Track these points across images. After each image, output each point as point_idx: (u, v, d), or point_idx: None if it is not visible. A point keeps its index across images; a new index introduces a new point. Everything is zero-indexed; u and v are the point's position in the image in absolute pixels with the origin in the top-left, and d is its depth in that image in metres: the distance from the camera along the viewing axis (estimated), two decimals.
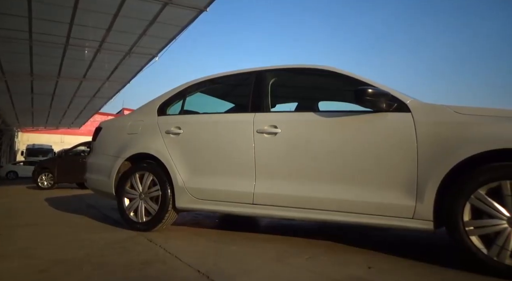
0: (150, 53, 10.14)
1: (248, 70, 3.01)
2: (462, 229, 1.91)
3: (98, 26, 8.29)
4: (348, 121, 2.38)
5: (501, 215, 1.84)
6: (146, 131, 3.23)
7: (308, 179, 2.43)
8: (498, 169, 1.86)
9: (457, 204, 1.93)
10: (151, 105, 3.39)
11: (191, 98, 3.31)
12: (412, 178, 2.10)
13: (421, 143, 2.10)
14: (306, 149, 2.47)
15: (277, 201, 2.52)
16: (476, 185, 1.89)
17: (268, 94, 2.81)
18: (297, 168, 2.48)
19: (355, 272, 1.92)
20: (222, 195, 2.74)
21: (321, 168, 2.40)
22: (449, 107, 2.14)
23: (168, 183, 2.96)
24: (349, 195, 2.28)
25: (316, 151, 2.43)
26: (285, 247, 2.50)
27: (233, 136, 2.77)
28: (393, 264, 2.08)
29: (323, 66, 2.68)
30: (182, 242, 2.68)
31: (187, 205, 2.90)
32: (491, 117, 2.00)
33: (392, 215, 2.14)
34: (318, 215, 2.37)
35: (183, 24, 8.32)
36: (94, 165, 3.54)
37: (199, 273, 1.91)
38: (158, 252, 2.36)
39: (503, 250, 1.80)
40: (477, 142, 1.93)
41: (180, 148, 2.99)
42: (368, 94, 2.20)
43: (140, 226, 3.04)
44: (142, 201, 3.08)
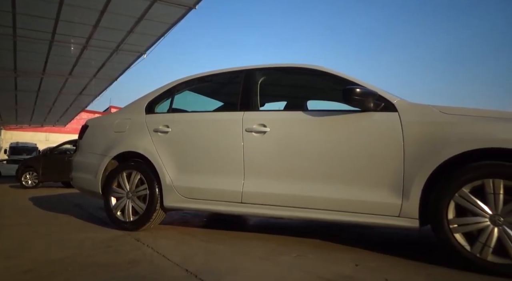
0: (138, 50, 10.01)
1: (237, 68, 3.00)
2: (447, 227, 1.95)
3: (84, 22, 8.14)
4: (336, 120, 2.40)
5: (484, 213, 1.88)
6: (133, 129, 3.20)
7: (297, 178, 2.45)
8: (481, 168, 1.90)
9: (442, 202, 1.97)
10: (139, 103, 3.35)
11: (179, 96, 3.28)
12: (398, 177, 2.14)
13: (408, 143, 2.14)
14: (294, 148, 2.48)
15: (265, 200, 2.52)
16: (460, 183, 1.93)
17: (257, 92, 2.81)
18: (286, 167, 2.49)
19: (343, 269, 1.94)
20: (211, 194, 2.73)
21: (310, 167, 2.41)
22: (435, 107, 2.18)
23: (156, 182, 2.94)
24: (337, 193, 2.30)
25: (304, 150, 2.45)
26: (273, 245, 2.50)
27: (222, 134, 2.76)
28: (380, 261, 2.11)
29: (312, 65, 2.70)
30: (170, 241, 2.66)
31: (175, 204, 2.88)
32: (475, 117, 2.04)
33: (379, 214, 2.17)
34: (306, 213, 2.39)
35: (171, 21, 8.24)
36: (80, 164, 3.49)
37: (187, 272, 1.90)
38: (146, 252, 2.34)
39: (486, 247, 1.85)
40: (461, 141, 1.97)
41: (168, 147, 2.96)
42: (356, 93, 2.22)
43: (127, 225, 3.01)
44: (129, 200, 3.05)
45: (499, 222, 1.85)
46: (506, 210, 1.84)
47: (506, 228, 1.83)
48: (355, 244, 2.56)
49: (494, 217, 1.86)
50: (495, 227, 1.85)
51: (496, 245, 1.84)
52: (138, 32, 8.71)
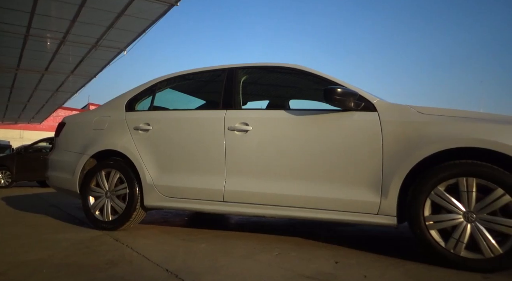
0: (118, 46, 9.80)
1: (220, 67, 2.99)
2: (423, 224, 2.01)
3: (62, 16, 7.90)
4: (318, 120, 2.43)
5: (458, 210, 1.95)
6: (113, 127, 3.13)
7: (279, 177, 2.46)
8: (455, 167, 1.97)
9: (418, 200, 2.03)
10: (119, 100, 3.28)
11: (161, 94, 3.24)
12: (377, 175, 2.18)
13: (387, 142, 2.19)
14: (276, 146, 2.50)
15: (247, 199, 2.53)
16: (436, 181, 2.00)
17: (240, 91, 2.81)
18: (268, 166, 2.50)
19: (323, 267, 1.97)
20: (192, 193, 2.71)
21: (291, 166, 2.43)
22: (413, 107, 2.24)
23: (136, 181, 2.89)
24: (318, 192, 2.33)
25: (286, 148, 2.46)
26: (254, 244, 2.51)
27: (203, 133, 2.75)
28: (359, 258, 2.15)
29: (294, 64, 2.72)
30: (150, 241, 2.63)
31: (156, 203, 2.84)
32: (450, 118, 2.11)
33: (359, 211, 2.22)
34: (288, 212, 2.41)
35: (153, 17, 8.11)
36: (57, 162, 3.39)
37: (167, 272, 1.88)
38: (125, 252, 2.30)
39: (459, 242, 1.92)
40: (437, 141, 2.03)
41: (149, 145, 2.92)
42: (337, 93, 2.26)
43: (106, 225, 2.95)
44: (108, 199, 2.99)
45: (472, 219, 1.92)
46: (479, 207, 1.91)
47: (478, 224, 1.90)
48: (335, 242, 2.60)
49: (467, 214, 1.93)
50: (468, 223, 1.93)
51: (468, 241, 1.91)
52: (118, 28, 8.53)
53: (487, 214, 1.90)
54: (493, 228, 1.88)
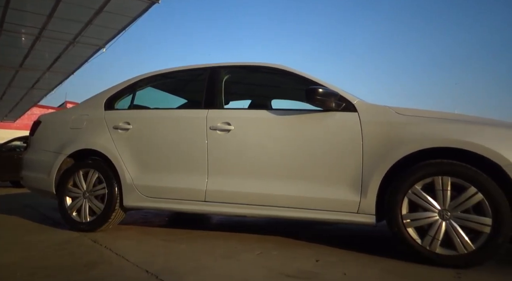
0: (96, 43, 9.56)
1: (202, 65, 2.97)
2: (400, 222, 2.07)
3: (37, 11, 7.63)
4: (299, 119, 2.45)
5: (434, 208, 2.02)
6: (91, 126, 3.06)
7: (260, 176, 2.47)
8: (431, 166, 2.04)
9: (396, 198, 2.08)
10: (97, 98, 3.21)
11: (141, 92, 3.19)
12: (357, 175, 2.22)
13: (366, 142, 2.23)
14: (258, 146, 2.50)
15: (229, 198, 2.52)
16: (413, 180, 2.06)
17: (222, 90, 2.80)
18: (250, 165, 2.51)
19: (304, 265, 1.99)
20: (173, 193, 2.68)
21: (273, 165, 2.45)
22: (391, 108, 2.29)
23: (116, 181, 2.84)
24: (299, 191, 2.35)
25: (268, 148, 2.48)
26: (236, 243, 2.51)
27: (185, 132, 2.72)
28: (339, 256, 2.19)
29: (276, 64, 2.73)
30: (129, 242, 2.58)
31: (135, 204, 2.80)
32: (427, 118, 2.18)
33: (339, 210, 2.25)
34: (270, 211, 2.42)
35: (133, 15, 7.96)
36: (32, 162, 3.27)
37: (147, 273, 1.85)
38: (104, 253, 2.25)
39: (435, 240, 1.98)
40: (414, 141, 2.09)
41: (129, 144, 2.87)
42: (318, 93, 2.29)
43: (83, 226, 2.88)
44: (86, 200, 2.91)
45: (447, 217, 1.99)
46: (453, 205, 1.98)
47: (453, 222, 1.97)
48: (316, 240, 2.63)
49: (442, 212, 2.00)
50: (443, 221, 1.99)
51: (443, 238, 1.98)
52: (97, 25, 8.32)
53: (461, 212, 1.97)
54: (466, 225, 1.95)
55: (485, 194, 1.91)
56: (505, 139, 1.98)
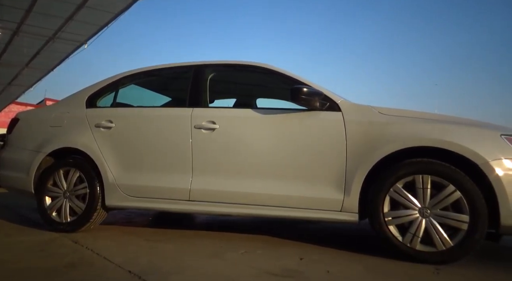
0: (78, 39, 9.34)
1: (187, 64, 2.94)
2: (382, 220, 2.11)
3: (15, 5, 7.39)
4: (284, 119, 2.46)
5: (414, 206, 2.07)
6: (72, 124, 2.99)
7: (245, 175, 2.47)
8: (412, 165, 2.09)
9: (378, 197, 2.12)
10: (79, 96, 3.13)
11: (124, 90, 3.13)
12: (341, 173, 2.25)
13: (350, 141, 2.26)
14: (243, 145, 2.50)
15: (214, 197, 2.51)
16: (395, 179, 2.10)
17: (207, 89, 2.79)
18: (234, 164, 2.50)
19: (288, 264, 2.01)
20: (157, 192, 2.65)
21: (258, 164, 2.45)
22: (374, 108, 2.33)
23: (98, 180, 2.78)
24: (284, 190, 2.36)
25: (253, 147, 2.48)
26: (221, 243, 2.51)
27: (169, 131, 2.69)
28: (323, 254, 2.21)
29: (261, 63, 2.74)
30: (112, 242, 2.54)
31: (118, 203, 2.75)
32: (408, 118, 2.23)
33: (323, 209, 2.28)
34: (255, 210, 2.42)
35: (116, 11, 7.81)
36: (9, 161, 3.17)
37: (130, 273, 1.83)
38: (85, 254, 2.21)
39: (415, 237, 2.04)
40: (396, 140, 2.14)
41: (111, 143, 2.82)
42: (303, 93, 2.30)
43: (64, 227, 2.81)
44: (66, 199, 2.85)
45: (427, 214, 2.04)
46: (433, 203, 2.04)
47: (432, 219, 2.03)
48: (300, 239, 2.65)
49: (422, 210, 2.05)
50: (423, 218, 2.04)
51: (423, 235, 2.03)
52: (79, 20, 8.13)
53: (440, 209, 2.02)
54: (445, 222, 2.01)
55: (463, 192, 1.97)
56: (482, 138, 2.05)
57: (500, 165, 1.95)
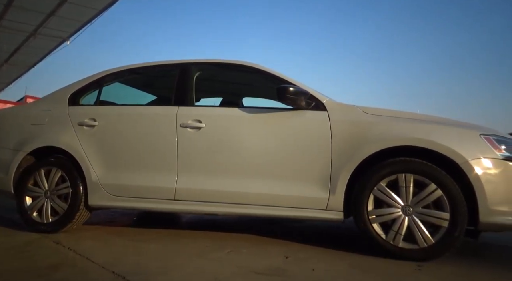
0: (60, 36, 9.15)
1: (173, 62, 2.92)
2: (366, 218, 2.14)
3: None
4: (270, 118, 2.47)
5: (397, 204, 2.11)
6: (54, 122, 2.92)
7: (231, 174, 2.47)
8: (395, 164, 2.13)
9: (363, 195, 2.16)
10: (61, 93, 3.06)
11: (108, 88, 3.08)
12: (326, 172, 2.28)
13: (335, 140, 2.29)
14: (229, 144, 2.50)
15: (199, 196, 2.50)
16: (379, 178, 2.14)
17: (193, 87, 2.77)
18: (220, 163, 2.50)
19: (274, 262, 2.02)
20: (142, 191, 2.62)
21: (244, 163, 2.45)
22: (359, 108, 2.37)
23: (80, 179, 2.73)
24: (270, 189, 2.37)
25: (239, 146, 2.48)
26: (206, 242, 2.50)
27: (154, 129, 2.66)
28: (308, 253, 2.23)
29: (247, 62, 2.73)
30: (95, 243, 2.49)
31: (102, 203, 2.70)
32: (392, 118, 2.27)
33: (309, 207, 2.30)
34: (240, 209, 2.42)
35: (99, 7, 7.68)
36: None
37: (113, 274, 1.80)
38: (67, 255, 2.16)
39: (398, 234, 2.08)
40: (380, 140, 2.18)
41: (95, 142, 2.77)
42: (289, 92, 2.32)
43: (45, 227, 2.74)
44: (48, 199, 2.78)
45: (409, 212, 2.09)
46: (415, 201, 2.08)
47: (414, 217, 2.07)
48: (286, 238, 2.67)
49: (405, 208, 2.10)
50: (406, 216, 2.09)
51: (406, 232, 2.07)
52: (61, 16, 7.95)
53: (422, 207, 2.07)
54: (426, 220, 2.06)
55: (444, 190, 2.03)
56: (462, 138, 2.11)
57: (479, 164, 2.01)
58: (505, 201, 1.99)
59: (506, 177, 2.02)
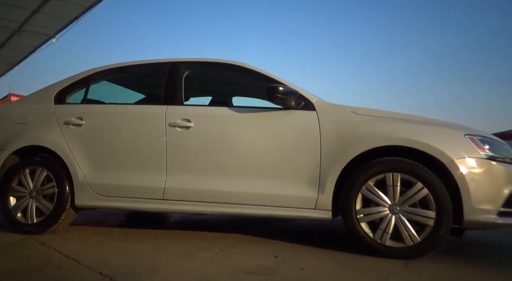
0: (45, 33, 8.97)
1: (162, 60, 2.89)
2: (354, 217, 2.17)
3: None
4: (260, 117, 2.47)
5: (385, 203, 2.14)
6: (39, 121, 2.86)
7: (220, 174, 2.46)
8: (383, 163, 2.16)
9: (351, 194, 2.18)
10: (47, 91, 3.00)
11: (96, 86, 3.03)
12: (315, 172, 2.29)
13: (324, 140, 2.31)
14: (218, 143, 2.49)
15: (188, 196, 2.49)
16: (367, 177, 2.16)
17: (182, 86, 2.75)
18: (210, 163, 2.49)
19: (263, 261, 2.02)
20: (130, 191, 2.59)
21: (233, 163, 2.45)
22: (348, 107, 2.39)
23: (67, 179, 2.68)
24: (259, 188, 2.37)
25: (228, 145, 2.47)
26: (195, 242, 2.48)
27: (143, 128, 2.64)
28: (297, 251, 2.24)
29: (237, 61, 2.73)
30: (82, 244, 2.46)
31: (88, 203, 2.66)
32: (380, 118, 2.30)
33: (298, 207, 2.31)
34: (230, 208, 2.42)
35: (86, 4, 7.56)
36: None
37: (101, 275, 1.77)
38: (53, 256, 2.12)
39: (385, 233, 2.10)
40: (369, 139, 2.20)
41: (81, 141, 2.72)
42: (279, 92, 2.32)
43: (30, 228, 2.69)
44: (33, 199, 2.72)
45: (396, 211, 2.11)
46: (402, 200, 2.11)
47: (401, 215, 2.10)
48: (275, 237, 2.68)
49: (392, 207, 2.13)
50: (393, 215, 2.12)
51: (393, 231, 2.10)
52: (47, 13, 7.80)
53: (409, 206, 2.10)
54: (413, 218, 2.09)
55: (430, 189, 2.06)
56: (447, 138, 2.15)
57: (464, 164, 2.05)
58: (488, 199, 2.04)
59: (490, 176, 2.06)
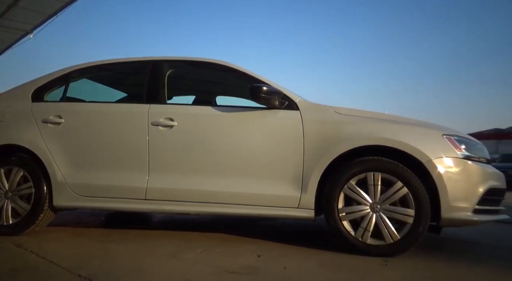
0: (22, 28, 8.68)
1: (144, 58, 2.85)
2: (337, 215, 2.20)
3: None
4: (243, 117, 2.47)
5: (366, 201, 2.18)
6: (16, 119, 2.77)
7: (203, 173, 2.45)
8: (365, 163, 2.20)
9: (333, 193, 2.21)
10: (23, 89, 2.91)
11: (75, 84, 2.96)
12: (298, 171, 2.31)
13: (307, 139, 2.33)
14: (202, 143, 2.48)
15: (171, 196, 2.46)
16: (349, 176, 2.20)
17: (165, 85, 2.72)
18: (192, 162, 2.47)
19: (247, 261, 2.02)
20: (111, 191, 2.54)
21: (216, 162, 2.44)
22: (331, 107, 2.42)
23: (45, 179, 2.61)
24: (242, 188, 2.37)
25: (211, 145, 2.46)
26: (178, 242, 2.46)
27: (125, 127, 2.59)
28: (280, 251, 2.26)
29: (220, 60, 2.72)
30: (60, 245, 2.39)
31: (68, 203, 2.60)
32: (362, 118, 2.34)
33: (281, 206, 2.32)
34: (213, 208, 2.41)
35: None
36: None
37: (80, 277, 1.73)
38: (30, 258, 2.06)
39: (366, 231, 2.15)
40: (351, 139, 2.24)
41: (60, 140, 2.65)
42: (262, 91, 2.33)
43: (5, 229, 2.60)
44: (8, 200, 2.63)
45: (377, 209, 2.16)
46: (383, 198, 2.16)
47: (382, 214, 2.15)
48: (258, 236, 2.68)
49: (373, 205, 2.17)
50: (374, 213, 2.16)
51: (374, 229, 2.14)
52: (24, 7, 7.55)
53: (389, 204, 2.15)
54: (393, 217, 2.14)
55: (409, 188, 2.12)
56: (426, 138, 2.21)
57: (441, 163, 2.11)
58: (464, 197, 2.11)
59: (466, 175, 2.14)
